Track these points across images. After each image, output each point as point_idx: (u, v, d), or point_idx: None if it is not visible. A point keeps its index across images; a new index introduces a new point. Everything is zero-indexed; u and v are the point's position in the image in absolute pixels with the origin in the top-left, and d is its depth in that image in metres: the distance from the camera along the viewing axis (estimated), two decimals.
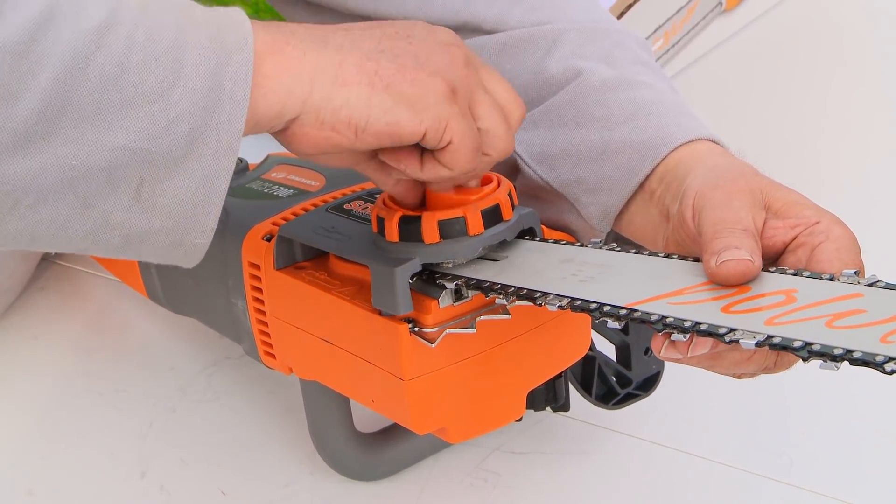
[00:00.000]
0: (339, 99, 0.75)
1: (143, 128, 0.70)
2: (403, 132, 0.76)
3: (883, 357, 0.63)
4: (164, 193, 0.72)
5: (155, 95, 0.70)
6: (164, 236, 0.74)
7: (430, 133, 0.76)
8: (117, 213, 0.72)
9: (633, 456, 1.04)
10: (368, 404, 0.91)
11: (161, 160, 0.71)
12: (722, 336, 0.70)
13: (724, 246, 0.75)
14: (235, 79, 0.72)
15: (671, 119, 0.92)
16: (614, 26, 1.02)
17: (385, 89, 0.75)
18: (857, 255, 0.78)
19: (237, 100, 0.72)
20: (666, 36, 1.53)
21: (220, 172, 0.73)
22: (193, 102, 0.71)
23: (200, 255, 0.77)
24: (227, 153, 0.72)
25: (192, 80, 0.71)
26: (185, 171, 0.72)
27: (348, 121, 0.75)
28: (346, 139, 0.76)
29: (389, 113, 0.75)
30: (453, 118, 0.77)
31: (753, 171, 0.85)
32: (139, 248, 0.75)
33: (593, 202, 0.94)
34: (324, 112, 0.75)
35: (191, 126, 0.71)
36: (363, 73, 0.75)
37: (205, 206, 0.73)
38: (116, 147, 0.70)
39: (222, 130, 0.72)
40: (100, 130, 0.69)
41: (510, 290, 0.81)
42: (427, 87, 0.76)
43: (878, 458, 1.03)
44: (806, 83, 1.60)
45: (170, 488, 1.02)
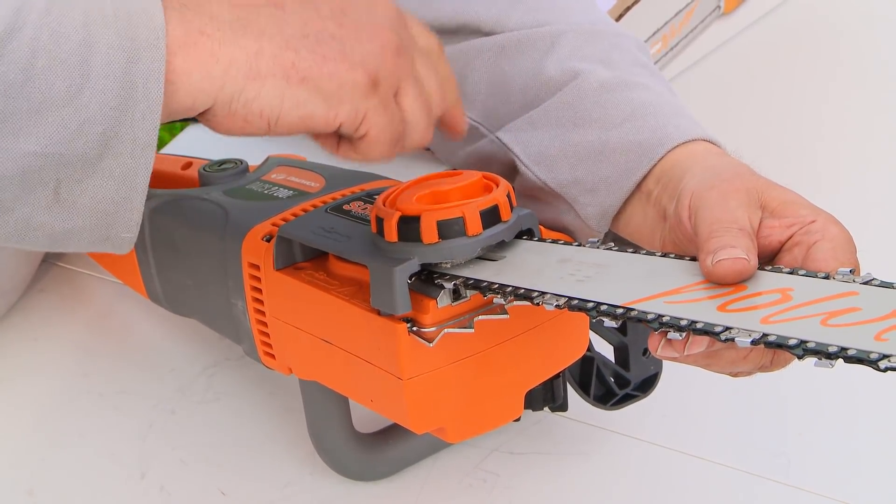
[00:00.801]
0: (252, 92, 0.74)
1: (53, 133, 0.69)
2: (317, 125, 0.76)
3: (877, 354, 0.64)
4: (83, 193, 0.71)
5: (63, 100, 0.69)
6: (89, 233, 0.73)
7: (346, 125, 0.76)
8: (38, 215, 0.71)
9: (631, 456, 1.04)
10: (367, 404, 0.91)
11: (76, 162, 0.70)
12: (718, 334, 0.70)
13: (719, 245, 0.76)
14: (147, 76, 0.71)
15: (668, 120, 0.93)
16: (613, 28, 1.03)
17: (301, 83, 0.75)
18: (853, 254, 0.78)
19: (151, 97, 0.71)
20: (664, 39, 1.53)
21: (139, 169, 0.72)
22: (104, 103, 0.70)
23: (129, 245, 0.76)
24: (144, 150, 0.72)
25: (101, 80, 0.70)
26: (102, 171, 0.71)
27: (260, 113, 0.75)
28: (259, 129, 0.75)
29: (302, 107, 0.75)
30: (371, 111, 0.77)
31: (750, 171, 0.85)
32: (66, 244, 0.74)
33: (591, 202, 0.94)
34: (235, 104, 0.74)
35: (104, 127, 0.70)
36: (279, 65, 0.74)
37: (127, 203, 0.73)
38: (28, 153, 0.69)
39: (137, 128, 0.71)
40: (9, 139, 0.68)
41: (508, 289, 0.81)
42: (345, 79, 0.76)
43: (876, 459, 1.03)
44: (804, 86, 1.60)
45: (170, 489, 1.02)
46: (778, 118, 1.55)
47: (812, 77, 1.62)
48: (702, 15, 1.59)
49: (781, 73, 1.63)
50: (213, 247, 1.00)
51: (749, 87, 1.61)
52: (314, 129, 0.76)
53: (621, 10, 1.45)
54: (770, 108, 1.57)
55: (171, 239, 1.07)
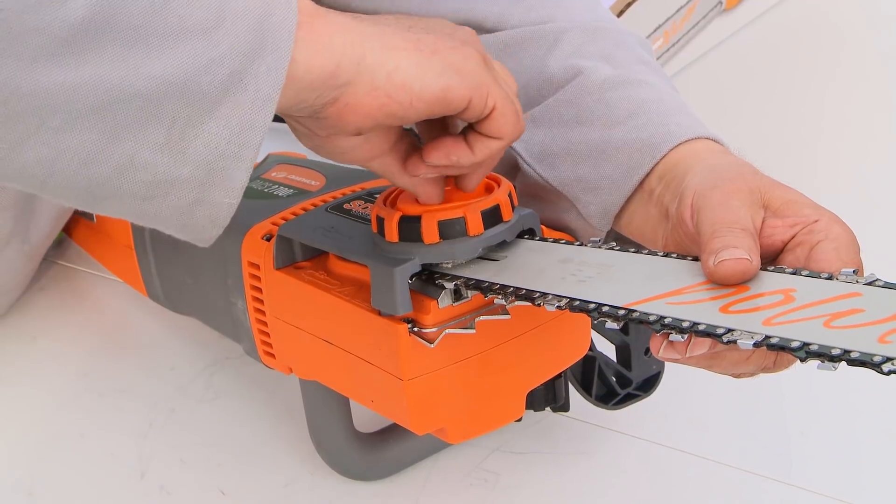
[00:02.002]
0: (392, 62, 0.74)
1: (183, 61, 0.68)
2: (454, 97, 0.75)
3: (881, 357, 0.63)
4: (196, 138, 0.70)
5: (199, 31, 0.68)
6: (190, 188, 0.72)
7: (476, 98, 0.76)
8: (145, 152, 0.70)
9: (632, 456, 1.04)
10: (368, 404, 0.91)
11: (198, 100, 0.69)
12: (720, 336, 0.70)
13: (722, 245, 0.75)
14: (279, 30, 0.71)
15: (671, 118, 0.93)
16: (615, 25, 1.02)
17: (432, 55, 0.75)
18: (856, 254, 0.78)
19: (279, 52, 0.71)
20: (666, 35, 1.53)
21: (256, 124, 0.71)
22: (235, 46, 0.69)
23: (225, 220, 0.75)
24: (264, 104, 0.71)
25: (235, 23, 0.69)
26: (219, 117, 0.70)
27: (402, 85, 0.74)
28: (400, 106, 0.74)
29: (442, 76, 0.75)
30: (492, 84, 0.77)
31: (752, 170, 0.85)
32: (162, 200, 0.72)
33: (593, 201, 0.94)
34: (378, 76, 0.74)
35: (231, 69, 0.70)
36: (408, 40, 0.75)
37: (236, 159, 0.72)
38: (155, 76, 0.68)
39: (262, 80, 0.70)
40: (141, 56, 0.68)
41: (509, 290, 0.81)
42: (466, 54, 0.76)
43: (877, 458, 1.03)
44: (805, 82, 1.60)
45: (170, 488, 1.02)
46: (779, 114, 1.55)
47: (813, 73, 1.62)
48: (703, 11, 1.59)
49: (783, 70, 1.63)
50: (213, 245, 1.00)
51: (750, 83, 1.61)
52: (451, 101, 0.75)
53: (623, 6, 1.45)
54: (771, 104, 1.57)
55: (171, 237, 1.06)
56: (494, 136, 0.79)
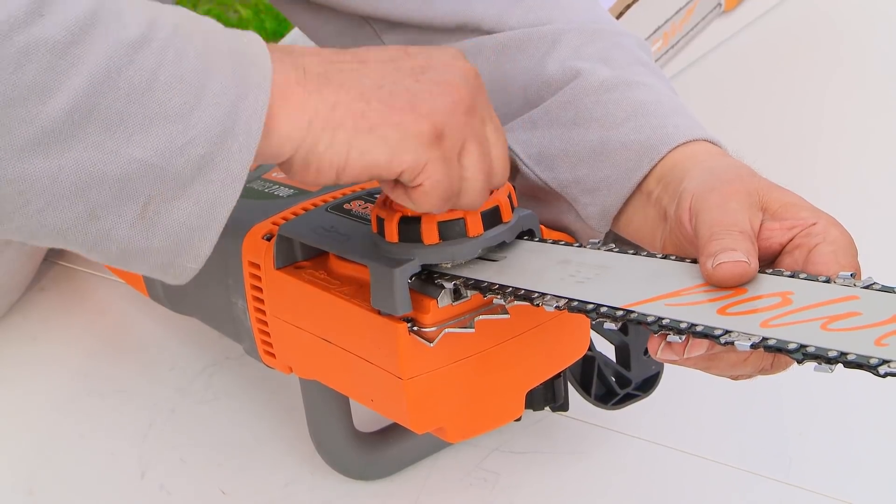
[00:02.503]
0: (324, 143, 0.76)
1: (160, 145, 0.71)
2: (380, 172, 0.77)
3: (877, 359, 0.63)
4: (167, 214, 0.73)
5: (176, 115, 0.71)
6: (159, 256, 0.75)
7: (406, 173, 0.78)
8: (120, 228, 0.73)
9: (631, 455, 1.04)
10: (368, 404, 0.91)
11: (171, 180, 0.72)
12: (717, 338, 0.70)
13: (720, 248, 0.75)
14: (252, 113, 0.73)
15: (669, 120, 0.93)
16: (614, 27, 1.02)
17: (368, 132, 0.77)
18: (854, 257, 0.78)
19: (250, 133, 0.73)
20: (665, 37, 1.52)
21: (224, 201, 0.74)
22: (209, 128, 0.72)
23: (188, 278, 0.78)
24: (233, 182, 0.74)
25: (212, 106, 0.72)
26: (191, 195, 0.73)
27: (329, 163, 0.77)
28: (329, 178, 0.77)
29: (367, 155, 0.77)
30: (432, 162, 0.78)
31: (750, 173, 0.85)
32: (132, 263, 0.76)
33: (592, 202, 0.94)
34: (311, 155, 0.76)
35: (204, 150, 0.72)
36: (349, 115, 0.76)
37: (203, 232, 0.75)
38: (133, 159, 0.71)
39: (232, 160, 0.73)
40: (121, 141, 0.70)
41: (508, 290, 0.81)
42: (410, 130, 0.77)
43: (876, 458, 1.03)
44: (805, 84, 1.60)
45: (170, 488, 1.02)
46: (778, 116, 1.55)
47: (812, 74, 1.62)
48: (703, 12, 1.59)
49: (782, 71, 1.63)
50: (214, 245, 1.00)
51: (750, 84, 1.61)
52: (377, 176, 0.78)
53: (622, 7, 1.45)
54: (770, 105, 1.57)
55: None
56: (411, 201, 0.80)
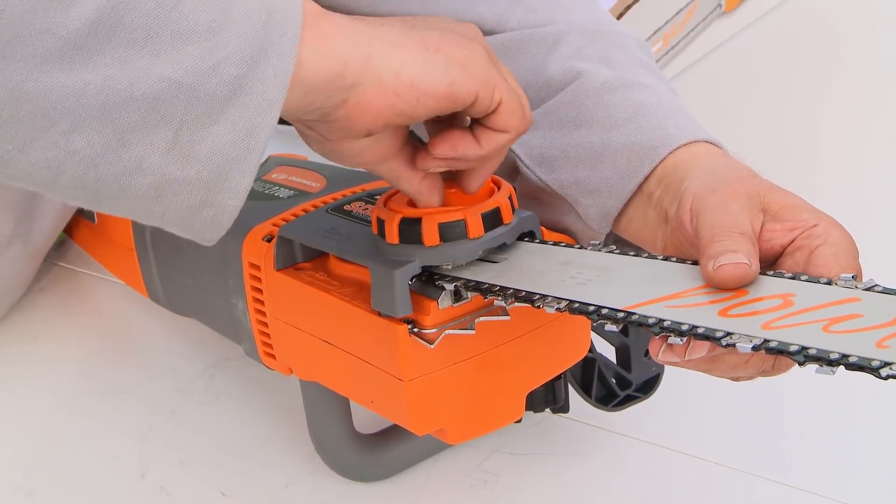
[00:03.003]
0: (398, 60, 0.74)
1: (191, 63, 0.69)
2: (460, 92, 0.76)
3: (879, 362, 0.63)
4: (202, 141, 0.71)
5: (206, 32, 0.69)
6: (196, 191, 0.73)
7: (483, 93, 0.77)
8: (152, 155, 0.70)
9: (632, 457, 1.04)
10: (368, 405, 0.91)
11: (205, 102, 0.70)
12: (719, 340, 0.70)
13: (721, 250, 0.75)
14: (283, 33, 0.71)
15: (670, 121, 0.93)
16: (614, 28, 1.02)
17: (437, 51, 0.75)
18: (855, 259, 0.78)
19: (284, 56, 0.71)
20: (665, 38, 1.52)
21: (262, 127, 0.72)
22: (240, 48, 0.70)
23: (229, 221, 0.75)
24: (269, 107, 0.71)
25: (239, 25, 0.70)
26: (226, 119, 0.71)
27: (410, 83, 0.75)
28: (408, 104, 0.75)
29: (447, 73, 0.75)
30: (499, 79, 0.78)
31: (751, 174, 0.85)
32: (168, 201, 0.73)
33: (592, 204, 0.94)
34: (385, 75, 0.74)
35: (237, 71, 0.70)
36: (412, 39, 0.75)
37: (241, 161, 0.72)
38: (163, 78, 0.69)
39: (268, 83, 0.71)
40: (149, 57, 0.68)
41: (509, 291, 0.81)
42: (472, 50, 0.77)
43: (876, 460, 1.03)
44: (805, 85, 1.60)
45: (170, 489, 1.02)
46: (779, 116, 1.55)
47: (813, 75, 1.62)
48: (703, 13, 1.59)
49: (782, 72, 1.63)
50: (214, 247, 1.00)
51: (750, 85, 1.61)
52: (458, 97, 0.76)
53: (622, 8, 1.45)
54: (771, 106, 1.57)
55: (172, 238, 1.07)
56: (501, 130, 0.80)
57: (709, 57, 1.64)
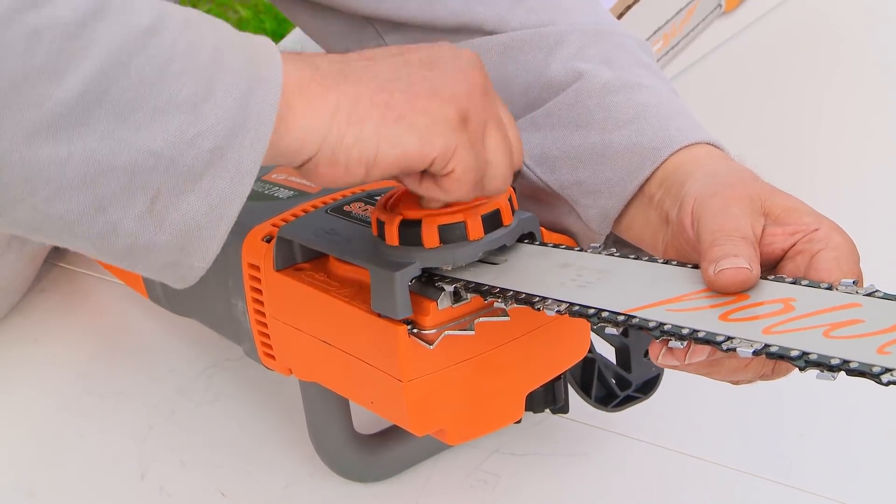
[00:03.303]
0: (351, 137, 0.75)
1: (171, 136, 0.70)
2: (412, 161, 0.77)
3: (880, 368, 0.63)
4: (176, 209, 0.72)
5: (187, 106, 0.70)
6: (167, 253, 0.74)
7: (437, 161, 0.77)
8: (128, 221, 0.72)
9: (632, 457, 1.04)
10: (367, 406, 0.91)
11: (182, 172, 0.71)
12: (719, 344, 0.70)
13: (722, 254, 0.75)
14: (263, 106, 0.72)
15: (671, 122, 0.92)
16: (616, 28, 1.02)
17: (396, 121, 0.76)
18: (856, 264, 0.78)
19: (262, 127, 0.72)
20: (665, 38, 1.52)
21: (234, 197, 0.73)
22: (221, 121, 0.71)
23: (195, 279, 0.77)
24: (243, 178, 0.73)
25: (223, 98, 0.71)
26: (201, 189, 0.72)
27: (359, 158, 0.76)
28: (356, 176, 0.76)
29: (399, 144, 0.76)
30: (461, 147, 0.78)
31: (753, 177, 0.85)
32: (139, 260, 0.75)
33: (593, 205, 0.94)
34: (338, 151, 0.75)
35: (215, 143, 0.71)
36: (375, 105, 0.76)
37: (212, 229, 0.74)
38: (144, 149, 0.70)
39: (244, 154, 0.72)
40: (131, 130, 0.69)
41: (509, 294, 0.81)
42: (437, 114, 0.77)
43: (877, 461, 1.03)
44: (805, 85, 1.60)
45: (169, 490, 1.02)
46: (779, 116, 1.54)
47: (813, 75, 1.62)
48: (703, 13, 1.59)
49: (782, 72, 1.63)
50: None
51: (750, 85, 1.61)
52: (409, 166, 0.77)
53: (622, 8, 1.44)
54: (771, 106, 1.56)
55: None
56: (442, 190, 0.80)
57: (709, 57, 1.63)
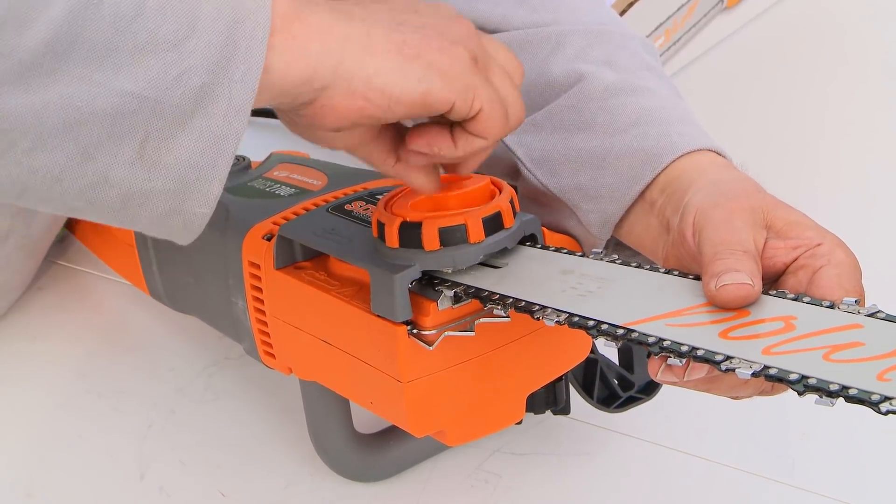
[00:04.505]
0: (372, 67, 0.73)
1: (153, 76, 0.68)
2: (435, 101, 0.75)
3: (879, 396, 0.63)
4: (168, 151, 0.70)
5: (169, 44, 0.68)
6: (164, 200, 0.72)
7: (460, 102, 0.76)
8: (118, 168, 0.70)
9: (634, 457, 1.04)
10: (367, 406, 0.91)
11: (169, 114, 0.69)
12: (718, 364, 0.69)
13: (724, 268, 0.74)
14: (251, 38, 0.70)
15: (674, 128, 0.91)
16: (620, 28, 1.01)
17: (415, 58, 0.75)
18: (858, 281, 0.77)
19: (251, 60, 0.70)
20: (667, 33, 1.52)
21: (229, 134, 0.71)
22: (207, 56, 0.69)
23: (199, 227, 0.75)
24: (237, 114, 0.71)
25: (206, 33, 0.69)
26: (192, 129, 0.70)
27: (381, 89, 0.74)
28: (378, 109, 0.74)
29: (422, 81, 0.74)
30: (480, 86, 0.77)
31: (756, 188, 0.84)
32: (136, 211, 0.72)
33: (593, 209, 0.93)
34: (356, 81, 0.73)
35: (202, 81, 0.69)
36: (392, 42, 0.74)
37: (210, 170, 0.72)
38: (125, 92, 0.68)
39: (234, 89, 0.70)
40: (109, 72, 0.67)
41: (508, 300, 0.80)
42: (453, 56, 0.76)
43: (879, 460, 1.03)
44: (807, 80, 1.60)
45: (169, 489, 1.02)
46: (781, 112, 1.54)
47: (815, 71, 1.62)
48: (705, 9, 1.59)
49: (784, 68, 1.63)
50: (214, 245, 1.00)
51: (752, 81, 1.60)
52: (432, 105, 0.75)
53: (625, 5, 1.44)
54: (773, 101, 1.56)
55: None
56: (479, 136, 0.79)
57: (711, 53, 1.63)
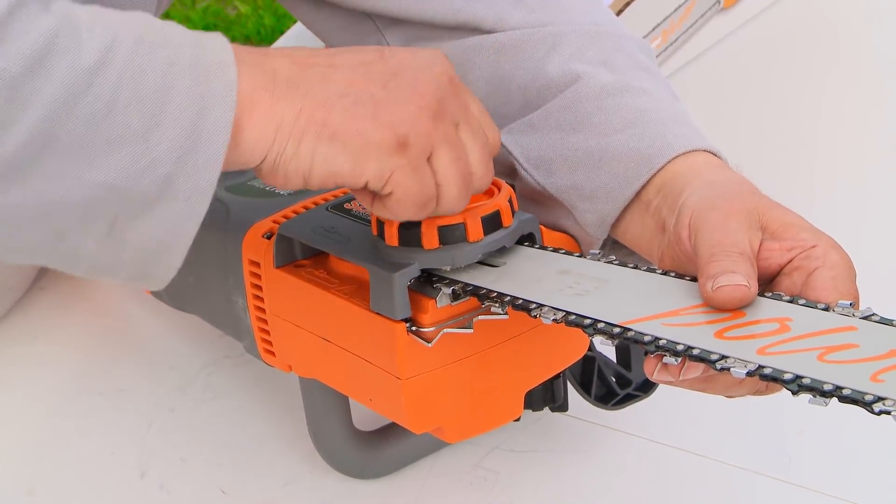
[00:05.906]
0: (290, 150, 0.77)
1: (123, 167, 0.71)
2: (345, 180, 0.78)
3: (872, 396, 0.63)
4: (135, 231, 0.74)
5: (138, 137, 0.71)
6: (130, 269, 0.76)
7: (372, 183, 0.78)
8: (88, 246, 0.74)
9: (632, 454, 1.04)
10: (366, 403, 0.91)
11: (137, 199, 0.72)
12: (714, 363, 0.70)
13: (720, 270, 0.75)
14: (215, 128, 0.73)
15: (670, 128, 0.91)
16: (616, 29, 1.01)
17: (330, 140, 0.77)
18: (853, 283, 0.77)
19: (215, 148, 0.73)
20: (664, 34, 1.52)
21: (191, 216, 0.74)
22: (173, 146, 0.72)
23: (163, 284, 0.78)
24: (199, 198, 0.74)
25: (173, 124, 0.72)
26: (157, 212, 0.73)
27: (295, 171, 0.77)
28: (297, 184, 0.78)
29: (330, 163, 0.77)
30: (398, 171, 0.78)
31: (751, 189, 0.84)
32: (105, 276, 0.77)
33: (589, 209, 0.93)
34: (278, 162, 0.77)
35: (168, 169, 0.72)
36: (312, 123, 0.77)
37: (172, 247, 0.75)
38: (96, 184, 0.71)
39: (198, 176, 0.73)
40: (82, 166, 0.70)
41: (506, 298, 0.81)
42: (371, 138, 0.77)
43: (876, 457, 1.03)
44: (804, 81, 1.60)
45: (169, 487, 1.02)
46: (777, 112, 1.54)
47: (811, 72, 1.62)
48: (701, 10, 1.59)
49: (781, 68, 1.62)
50: (215, 243, 1.00)
51: (749, 81, 1.60)
52: (343, 184, 0.79)
53: (621, 5, 1.44)
54: (770, 102, 1.56)
55: None
56: (389, 211, 0.81)
57: (707, 53, 1.63)
